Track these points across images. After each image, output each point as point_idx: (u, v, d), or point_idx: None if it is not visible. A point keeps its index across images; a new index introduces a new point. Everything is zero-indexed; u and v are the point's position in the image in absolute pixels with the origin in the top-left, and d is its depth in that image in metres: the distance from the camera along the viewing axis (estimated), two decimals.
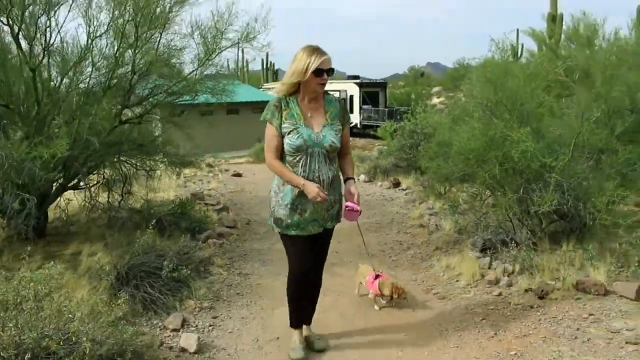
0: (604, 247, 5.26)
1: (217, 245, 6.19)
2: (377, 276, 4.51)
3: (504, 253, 5.23)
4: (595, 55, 7.76)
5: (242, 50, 7.53)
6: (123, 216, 6.64)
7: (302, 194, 3.41)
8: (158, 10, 5.94)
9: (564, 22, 19.86)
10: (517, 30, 25.25)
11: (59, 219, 6.87)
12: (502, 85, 5.60)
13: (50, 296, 3.29)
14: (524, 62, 20.76)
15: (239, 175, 11.99)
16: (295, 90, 3.48)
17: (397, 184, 10.16)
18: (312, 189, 3.32)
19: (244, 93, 22.15)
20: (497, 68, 5.89)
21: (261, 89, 33.37)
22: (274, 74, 47.25)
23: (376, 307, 4.51)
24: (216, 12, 6.31)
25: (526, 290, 4.59)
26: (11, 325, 2.91)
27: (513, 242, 5.32)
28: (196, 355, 3.78)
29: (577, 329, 3.90)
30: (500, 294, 4.64)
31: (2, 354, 2.84)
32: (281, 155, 3.50)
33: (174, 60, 6.49)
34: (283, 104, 3.48)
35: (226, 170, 12.77)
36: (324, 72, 3.38)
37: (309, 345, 3.86)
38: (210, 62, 6.68)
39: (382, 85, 39.16)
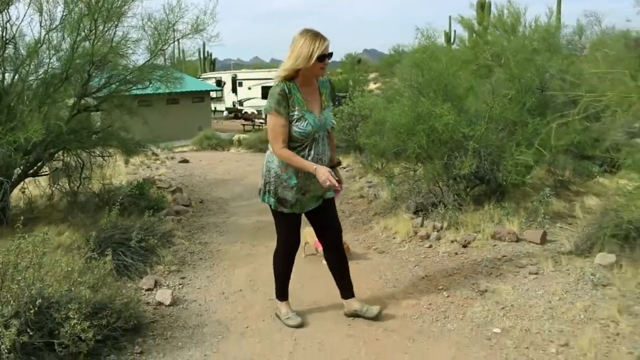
0: (519, 206, 6.12)
1: (175, 221, 6.73)
2: None
3: (434, 213, 6.00)
4: (511, 41, 8.67)
5: (178, 41, 7.85)
6: (83, 200, 7.08)
7: (307, 177, 3.55)
8: (112, 4, 6.39)
9: (491, 10, 21.15)
10: (450, 17, 26.43)
11: (17, 206, 7.20)
12: (428, 68, 6.36)
13: (46, 256, 3.78)
14: (455, 48, 21.88)
15: (186, 161, 12.43)
16: (293, 75, 3.54)
17: (338, 163, 10.81)
18: (324, 173, 3.39)
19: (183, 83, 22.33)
20: (424, 53, 6.67)
21: (199, 79, 33.40)
22: (212, 64, 47.15)
23: (324, 262, 5.17)
24: (167, 5, 6.83)
25: (452, 242, 5.37)
26: (20, 278, 3.41)
27: (442, 204, 6.09)
28: (171, 307, 4.33)
29: (493, 268, 4.71)
30: (430, 246, 5.41)
31: (12, 303, 3.34)
32: (289, 144, 3.55)
33: (128, 52, 6.95)
34: (287, 91, 3.49)
35: (172, 158, 13.16)
36: (326, 57, 3.49)
37: (364, 315, 3.94)
38: (161, 53, 7.18)
39: None
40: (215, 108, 37.20)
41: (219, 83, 38.43)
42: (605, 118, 5.24)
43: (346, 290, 4.03)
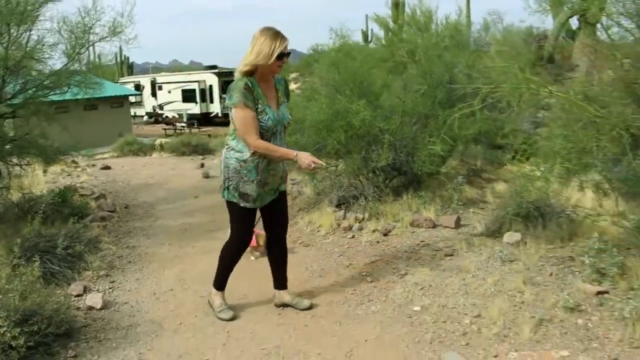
0: (435, 194, 6.50)
1: (101, 227, 6.69)
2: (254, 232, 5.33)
3: (356, 206, 6.27)
4: (422, 38, 9.10)
5: (93, 45, 7.72)
6: (1, 210, 6.91)
7: (265, 170, 3.73)
8: (25, 7, 6.26)
9: (405, 9, 21.89)
10: (366, 15, 27.10)
11: None
12: (344, 66, 6.64)
13: None
14: (373, 47, 22.39)
15: (108, 168, 12.23)
16: (253, 71, 3.64)
17: None
18: (306, 157, 3.54)
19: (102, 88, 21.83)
20: (339, 52, 6.94)
21: (118, 83, 32.66)
22: (129, 68, 46.07)
23: (252, 258, 5.33)
24: (83, 8, 6.76)
25: (373, 231, 5.66)
26: None
27: (363, 196, 6.36)
28: (103, 310, 4.36)
29: (412, 252, 5.03)
30: (353, 237, 5.67)
31: None
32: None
33: (45, 56, 6.81)
34: (250, 85, 3.60)
35: (93, 165, 12.91)
36: (285, 56, 3.62)
37: (295, 306, 4.14)
38: (78, 57, 7.08)
39: None
40: (135, 113, 36.47)
41: (138, 87, 37.71)
42: (511, 109, 5.65)
43: (280, 282, 4.22)
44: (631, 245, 4.37)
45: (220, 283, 4.17)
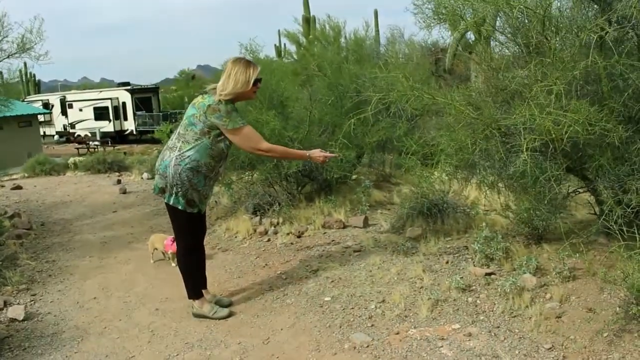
0: (346, 198, 6.93)
1: (17, 244, 6.68)
2: (174, 240, 5.54)
3: (271, 212, 6.60)
4: (327, 52, 9.59)
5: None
6: None
7: (208, 184, 4.05)
8: None
9: (316, 24, 22.56)
10: (279, 31, 27.59)
11: None
12: None
13: None
14: (285, 61, 22.83)
15: (19, 187, 11.94)
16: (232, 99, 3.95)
17: None
18: (319, 154, 4.14)
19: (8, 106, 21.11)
20: None
21: (25, 102, 31.54)
22: (36, 86, 44.44)
23: (173, 264, 5.54)
24: None
25: (288, 234, 6.00)
26: None
27: (277, 203, 6.70)
28: (25, 321, 4.46)
29: (324, 250, 5.42)
30: (269, 240, 5.99)
31: None
32: (211, 153, 3.93)
33: None
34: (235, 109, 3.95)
35: (2, 186, 12.56)
36: (258, 81, 3.99)
37: (215, 304, 4.32)
38: None
39: (154, 90, 39.32)
40: (44, 132, 35.30)
41: (47, 106, 36.56)
42: (405, 116, 6.16)
43: (203, 282, 4.46)
44: (515, 233, 4.94)
45: (194, 291, 4.29)
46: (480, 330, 3.63)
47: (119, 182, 11.67)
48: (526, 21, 4.15)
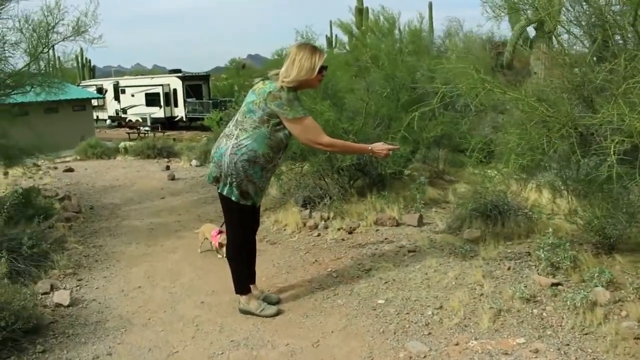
0: (399, 195, 6.67)
1: (66, 227, 6.67)
2: (220, 232, 5.40)
3: (321, 205, 6.40)
4: (381, 43, 9.30)
5: (53, 47, 7.58)
6: None
7: (266, 176, 3.83)
8: None
9: (369, 15, 22.25)
10: (331, 21, 27.36)
11: None
12: None
13: None
14: (337, 51, 22.59)
15: (71, 170, 12.10)
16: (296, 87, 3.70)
17: None
18: (382, 147, 3.86)
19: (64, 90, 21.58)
20: None
21: (80, 86, 32.25)
22: (91, 71, 45.42)
23: (219, 256, 5.40)
24: (45, 7, 6.71)
25: (339, 229, 5.79)
26: None
27: (328, 196, 6.50)
28: (70, 307, 4.38)
29: (376, 249, 5.18)
30: (319, 235, 5.79)
31: None
32: (270, 143, 3.70)
33: (6, 54, 6.74)
34: (298, 97, 3.72)
35: (55, 168, 12.76)
36: (324, 69, 3.71)
37: (263, 301, 4.16)
38: (41, 57, 7.03)
39: (205, 78, 39.68)
40: (97, 116, 36.07)
41: (100, 90, 37.31)
42: (469, 111, 5.86)
43: (252, 278, 4.28)
44: (583, 241, 4.60)
45: (242, 287, 4.11)
46: (548, 346, 3.33)
47: (167, 168, 11.68)
48: (610, 14, 3.81)
